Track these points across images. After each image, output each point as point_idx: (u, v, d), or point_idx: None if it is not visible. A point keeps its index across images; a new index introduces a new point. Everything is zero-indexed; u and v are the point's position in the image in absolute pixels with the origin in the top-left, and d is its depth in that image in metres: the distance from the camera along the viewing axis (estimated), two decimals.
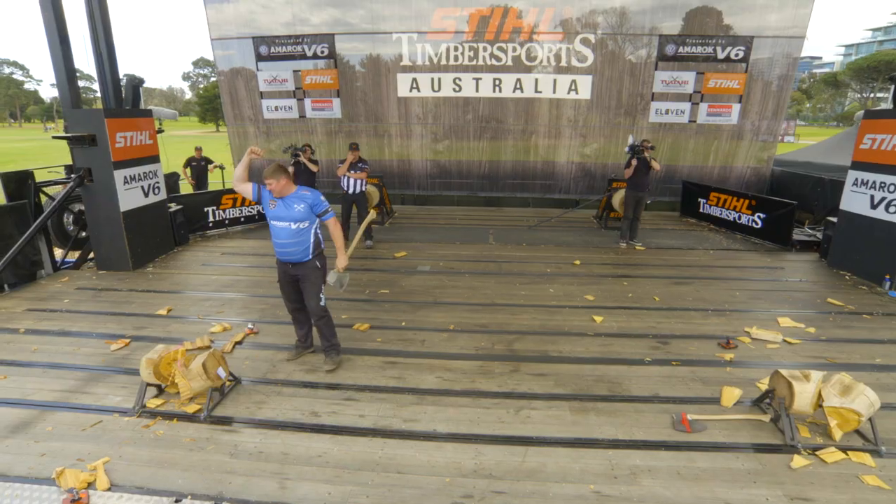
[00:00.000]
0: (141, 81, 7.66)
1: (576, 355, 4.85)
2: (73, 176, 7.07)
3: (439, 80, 11.71)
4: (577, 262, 7.84)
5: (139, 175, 7.48)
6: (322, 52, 11.70)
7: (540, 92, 11.61)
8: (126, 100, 7.56)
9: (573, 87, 11.50)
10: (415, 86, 11.81)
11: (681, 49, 10.97)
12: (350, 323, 5.51)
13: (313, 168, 8.27)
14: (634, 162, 8.38)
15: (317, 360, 4.71)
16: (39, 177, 7.48)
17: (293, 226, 4.22)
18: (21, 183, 7.09)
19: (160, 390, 4.12)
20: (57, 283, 6.94)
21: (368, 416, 3.85)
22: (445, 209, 12.16)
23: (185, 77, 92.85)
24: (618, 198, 9.85)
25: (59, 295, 6.51)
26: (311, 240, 4.30)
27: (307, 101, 12.14)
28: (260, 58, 11.86)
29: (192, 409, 3.92)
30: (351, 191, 8.25)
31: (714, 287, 6.82)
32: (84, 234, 7.68)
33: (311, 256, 4.32)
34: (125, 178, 7.16)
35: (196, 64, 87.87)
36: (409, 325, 5.48)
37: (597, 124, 11.73)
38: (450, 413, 3.89)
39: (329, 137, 12.46)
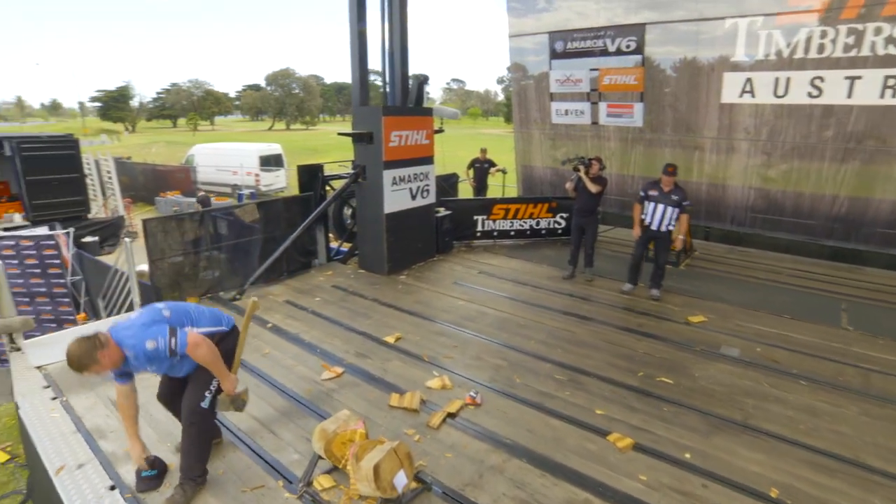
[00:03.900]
0: (426, 79, 7.25)
1: None
2: (350, 172, 7.08)
3: (787, 80, 8.54)
4: None
5: (409, 176, 7.09)
6: (627, 46, 9.83)
7: None
8: (411, 98, 7.25)
9: None
10: (748, 89, 8.92)
11: None
12: (605, 428, 3.71)
13: (593, 188, 6.53)
14: None
15: (530, 476, 3.15)
16: (329, 170, 7.82)
17: (148, 345, 2.87)
18: (312, 175, 7.45)
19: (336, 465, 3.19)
20: (321, 276, 7.06)
21: None
22: (768, 256, 8.78)
23: (499, 80, 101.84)
24: None
25: (316, 290, 6.52)
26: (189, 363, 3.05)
27: (602, 105, 10.47)
28: (554, 55, 10.68)
29: None
30: (655, 227, 6.25)
31: None
32: (356, 229, 7.76)
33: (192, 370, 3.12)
34: (394, 178, 6.82)
35: (509, 69, 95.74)
36: (696, 463, 3.38)
37: None
38: None
39: (623, 147, 10.54)
